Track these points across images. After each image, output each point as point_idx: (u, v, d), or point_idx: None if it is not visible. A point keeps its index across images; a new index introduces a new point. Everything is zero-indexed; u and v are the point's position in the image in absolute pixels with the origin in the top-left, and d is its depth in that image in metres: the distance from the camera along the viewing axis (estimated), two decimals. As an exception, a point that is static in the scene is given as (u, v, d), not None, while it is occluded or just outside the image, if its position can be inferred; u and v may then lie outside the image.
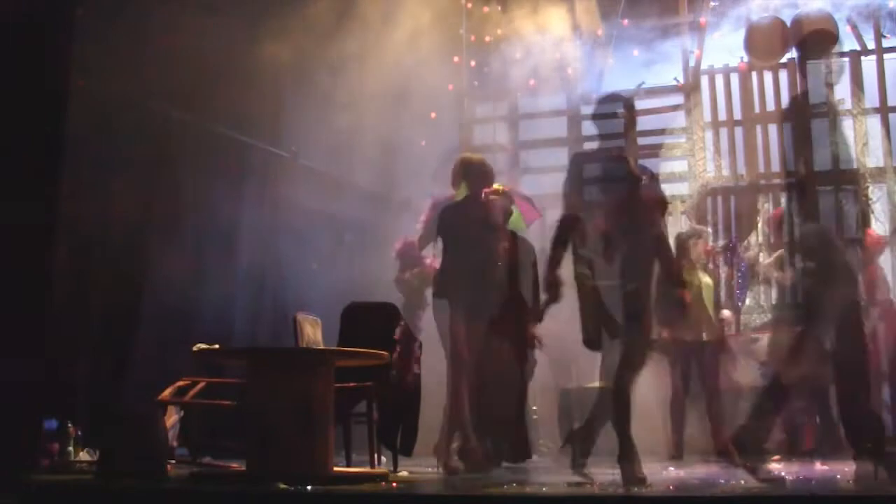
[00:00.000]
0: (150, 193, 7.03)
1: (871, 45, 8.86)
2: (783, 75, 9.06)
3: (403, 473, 5.27)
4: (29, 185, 5.35)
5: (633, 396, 4.55)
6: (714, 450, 6.71)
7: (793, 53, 8.96)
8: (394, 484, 4.38)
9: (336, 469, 4.75)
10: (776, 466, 5.69)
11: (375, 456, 5.54)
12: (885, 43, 8.81)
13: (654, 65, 9.23)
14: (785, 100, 9.01)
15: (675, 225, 8.86)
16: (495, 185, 6.16)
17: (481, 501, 3.86)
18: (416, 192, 9.14)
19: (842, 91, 8.87)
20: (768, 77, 9.15)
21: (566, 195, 4.77)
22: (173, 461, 5.38)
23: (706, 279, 7.32)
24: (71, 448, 5.53)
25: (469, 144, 9.86)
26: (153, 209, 7.03)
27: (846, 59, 8.87)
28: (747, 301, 8.51)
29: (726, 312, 7.78)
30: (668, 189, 9.03)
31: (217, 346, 5.51)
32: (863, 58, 8.87)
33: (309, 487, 3.90)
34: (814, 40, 7.99)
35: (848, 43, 8.86)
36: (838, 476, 4.70)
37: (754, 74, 9.21)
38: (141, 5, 6.65)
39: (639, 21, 9.25)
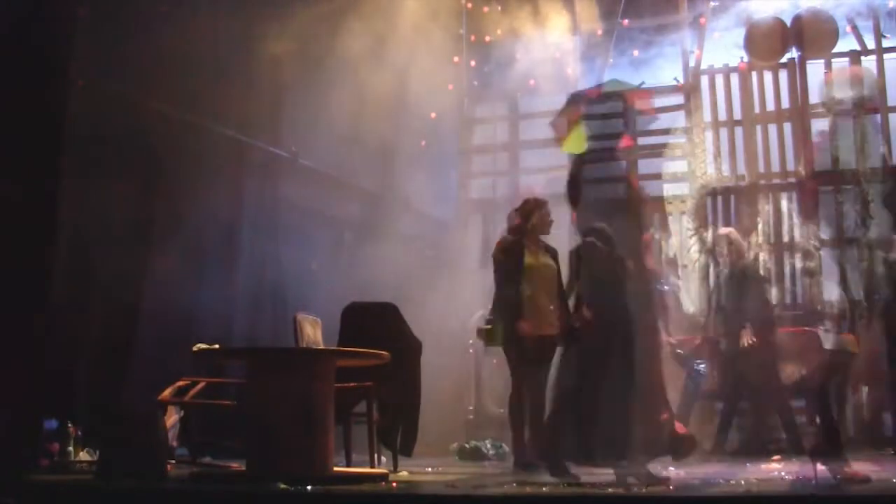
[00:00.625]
0: (150, 193, 7.01)
1: (871, 45, 8.85)
2: (783, 75, 9.06)
3: (403, 473, 5.27)
4: (29, 186, 5.35)
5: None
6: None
7: (793, 53, 8.97)
8: (394, 484, 4.38)
9: (336, 469, 4.76)
10: (776, 466, 5.69)
11: (375, 456, 5.54)
12: (885, 43, 8.79)
13: (653, 65, 9.22)
14: (785, 100, 9.01)
15: (676, 225, 8.86)
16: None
17: (481, 501, 3.86)
18: (416, 192, 9.16)
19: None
20: (768, 77, 9.13)
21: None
22: (173, 461, 5.38)
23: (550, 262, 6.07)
24: (71, 448, 5.54)
25: (469, 144, 9.86)
26: (153, 209, 7.02)
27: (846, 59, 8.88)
28: None
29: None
30: (668, 189, 9.11)
31: (217, 346, 5.52)
32: (863, 58, 8.86)
33: (309, 487, 3.90)
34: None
35: (848, 43, 8.86)
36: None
37: (754, 74, 9.19)
38: (141, 5, 6.64)
39: (639, 21, 9.25)
